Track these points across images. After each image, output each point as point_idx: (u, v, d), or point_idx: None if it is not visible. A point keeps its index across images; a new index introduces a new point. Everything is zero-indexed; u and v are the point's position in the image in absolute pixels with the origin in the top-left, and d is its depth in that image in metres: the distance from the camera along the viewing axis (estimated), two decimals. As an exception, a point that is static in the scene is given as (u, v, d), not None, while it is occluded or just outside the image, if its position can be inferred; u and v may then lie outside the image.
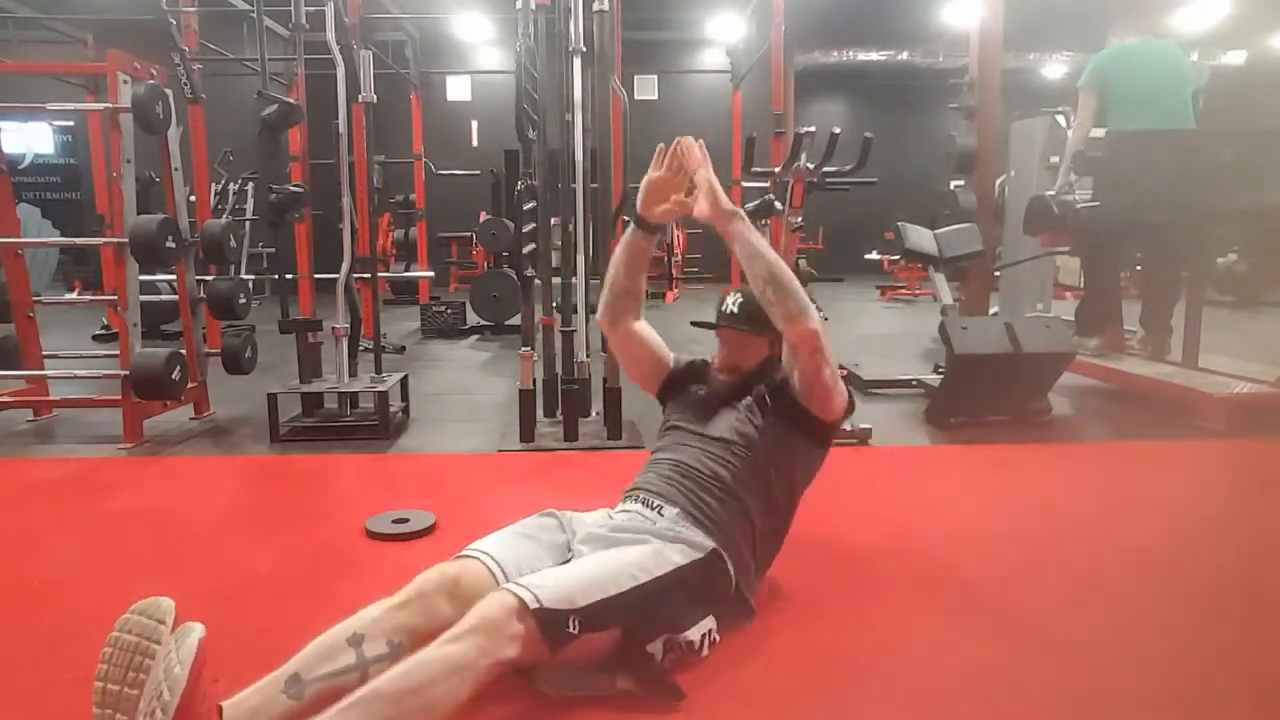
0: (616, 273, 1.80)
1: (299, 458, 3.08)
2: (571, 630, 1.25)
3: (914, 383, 4.09)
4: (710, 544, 1.51)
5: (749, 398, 1.68)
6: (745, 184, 6.62)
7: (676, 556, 1.45)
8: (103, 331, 6.18)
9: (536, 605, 1.22)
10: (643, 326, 1.86)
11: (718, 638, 1.49)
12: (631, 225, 1.74)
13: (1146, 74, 3.89)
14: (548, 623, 1.23)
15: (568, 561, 1.48)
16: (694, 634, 1.43)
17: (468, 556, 1.40)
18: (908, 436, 3.31)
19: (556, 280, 3.25)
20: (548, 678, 1.33)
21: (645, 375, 1.92)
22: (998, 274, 5.31)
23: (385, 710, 1.09)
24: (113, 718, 1.06)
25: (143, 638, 1.08)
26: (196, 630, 1.10)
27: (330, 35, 3.35)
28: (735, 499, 1.57)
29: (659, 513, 1.55)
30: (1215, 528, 2.25)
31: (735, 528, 1.56)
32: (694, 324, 1.90)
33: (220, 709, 1.12)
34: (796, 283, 1.54)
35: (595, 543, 1.50)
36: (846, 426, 3.12)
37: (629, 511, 1.58)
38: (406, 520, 2.19)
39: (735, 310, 1.74)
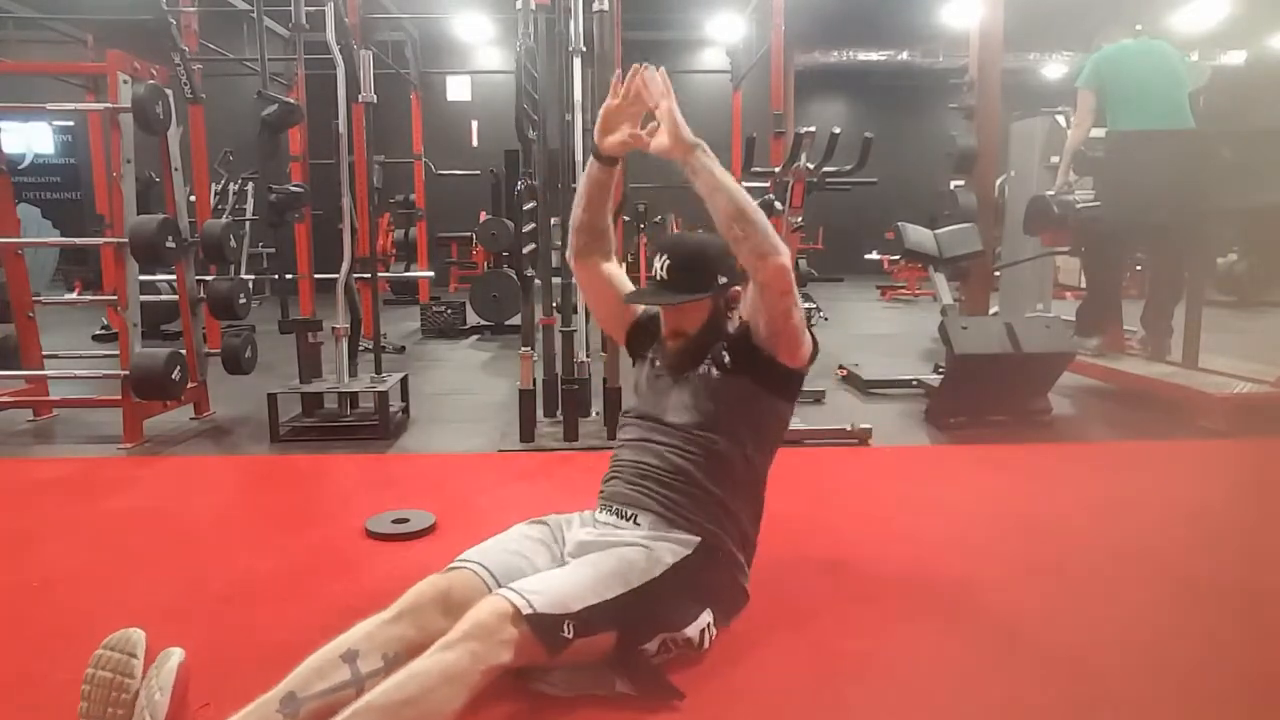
0: (576, 207, 1.70)
1: (299, 458, 3.08)
2: (566, 634, 1.25)
3: (914, 383, 4.09)
4: (695, 538, 1.50)
5: (705, 363, 1.58)
6: (745, 184, 6.61)
7: (668, 556, 1.45)
8: (103, 331, 6.17)
9: (530, 610, 1.22)
10: (611, 268, 1.74)
11: (715, 630, 1.49)
12: (590, 157, 1.65)
13: (1143, 74, 3.88)
14: (542, 628, 1.23)
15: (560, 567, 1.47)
16: (692, 630, 1.44)
17: (459, 567, 1.39)
18: (908, 436, 3.31)
19: (556, 280, 3.25)
20: (547, 678, 1.34)
21: (610, 319, 1.82)
22: (998, 274, 5.31)
23: None
24: None
25: (116, 672, 1.10)
26: (175, 655, 1.12)
27: (330, 35, 3.35)
28: (704, 489, 1.53)
29: (634, 522, 1.53)
30: (1215, 528, 2.25)
31: (711, 516, 1.53)
32: (628, 300, 1.75)
33: None
34: (764, 217, 1.44)
35: (586, 549, 1.49)
36: (847, 426, 3.13)
37: (606, 524, 1.56)
38: (406, 520, 2.19)
39: (664, 276, 1.57)
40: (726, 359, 1.56)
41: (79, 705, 1.09)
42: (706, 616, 1.47)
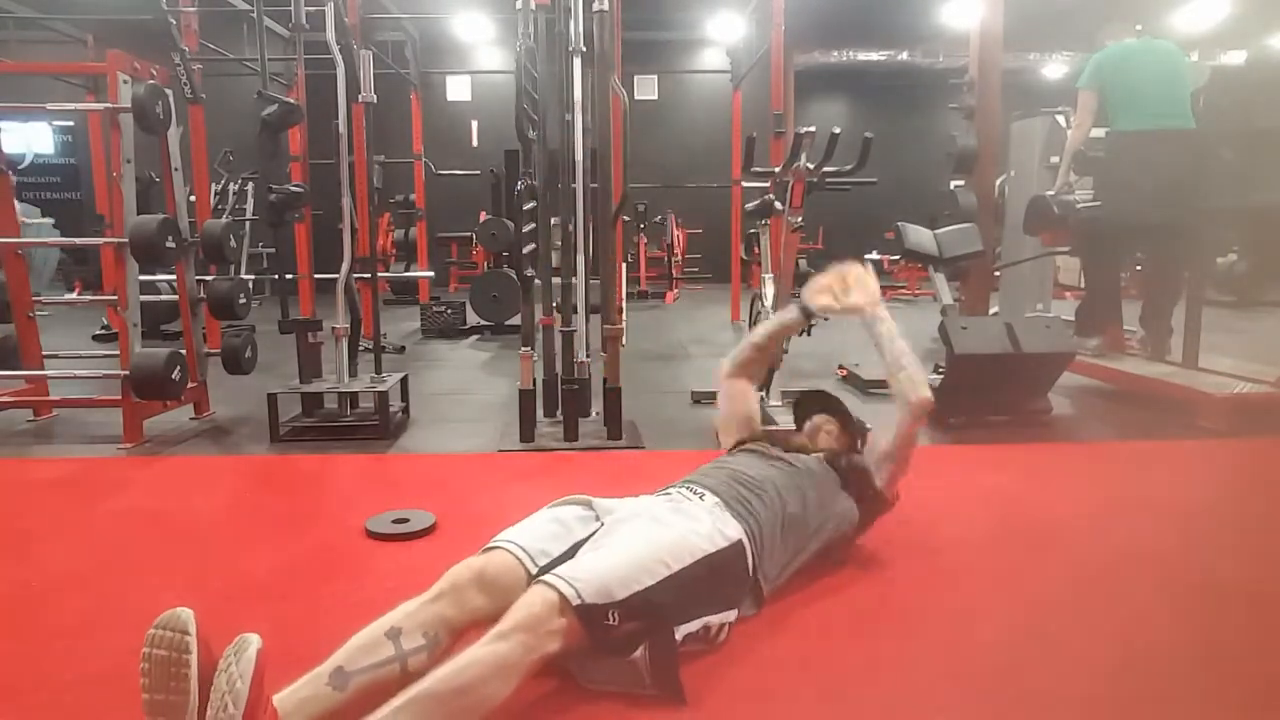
0: (761, 335, 2.09)
1: (299, 458, 3.08)
2: (612, 622, 1.29)
3: (914, 383, 4.08)
4: (738, 535, 1.57)
5: (820, 455, 1.90)
6: (745, 184, 6.63)
7: (704, 544, 1.49)
8: (103, 331, 6.17)
9: (579, 602, 1.26)
10: (751, 390, 2.15)
11: (729, 631, 1.52)
12: (796, 307, 2.02)
13: (1145, 73, 3.88)
14: (589, 618, 1.27)
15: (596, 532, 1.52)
16: (716, 620, 1.48)
17: (495, 547, 1.44)
18: (908, 436, 3.30)
19: (556, 280, 3.25)
20: (576, 663, 1.36)
21: (736, 426, 2.10)
22: (998, 274, 5.31)
23: (436, 710, 1.13)
24: None
25: (172, 650, 1.12)
26: (254, 642, 1.14)
27: (330, 35, 3.35)
28: (777, 501, 1.69)
29: (700, 498, 1.64)
30: (1215, 528, 2.25)
31: (767, 519, 1.65)
32: (806, 394, 2.22)
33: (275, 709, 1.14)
34: (917, 360, 1.91)
35: (626, 521, 1.53)
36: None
37: (669, 495, 1.67)
38: (406, 520, 2.19)
39: (838, 403, 2.12)
40: (837, 461, 1.89)
41: (140, 682, 1.11)
42: (731, 615, 1.52)
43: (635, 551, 1.41)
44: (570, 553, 1.45)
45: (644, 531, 1.48)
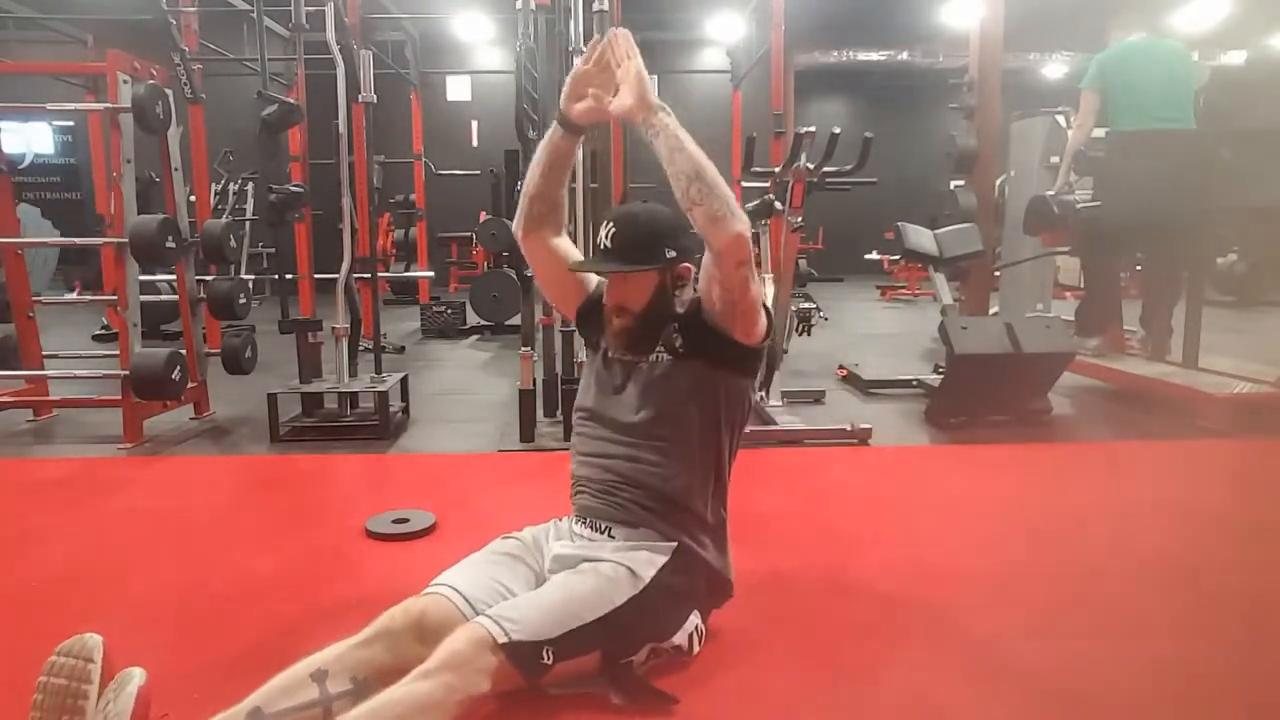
0: (533, 175, 1.59)
1: (299, 458, 3.08)
2: (545, 661, 1.24)
3: (914, 383, 4.09)
4: (670, 543, 1.46)
5: (657, 349, 1.50)
6: (745, 184, 6.62)
7: (647, 569, 1.41)
8: (103, 331, 6.17)
9: (506, 640, 1.21)
10: (562, 242, 1.65)
11: (705, 630, 1.48)
12: (554, 124, 1.55)
13: (1148, 73, 3.87)
14: (519, 656, 1.22)
15: (538, 585, 1.45)
16: (680, 638, 1.42)
17: (433, 592, 1.36)
18: (908, 436, 3.31)
19: (556, 280, 3.25)
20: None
21: (561, 296, 1.73)
22: (998, 274, 5.31)
23: None
24: None
25: (72, 679, 1.07)
26: (135, 678, 1.09)
27: (330, 35, 3.35)
28: (668, 499, 1.48)
29: (609, 535, 1.49)
30: (1215, 528, 2.25)
31: (680, 522, 1.49)
32: (571, 268, 1.64)
33: None
34: (723, 181, 1.36)
35: (565, 563, 1.46)
36: (847, 426, 3.13)
37: (582, 537, 1.52)
38: (406, 520, 2.19)
39: (609, 245, 1.47)
40: (679, 341, 1.48)
41: (30, 715, 1.05)
42: (694, 619, 1.46)
43: (572, 591, 1.35)
44: None
45: (581, 576, 1.40)
